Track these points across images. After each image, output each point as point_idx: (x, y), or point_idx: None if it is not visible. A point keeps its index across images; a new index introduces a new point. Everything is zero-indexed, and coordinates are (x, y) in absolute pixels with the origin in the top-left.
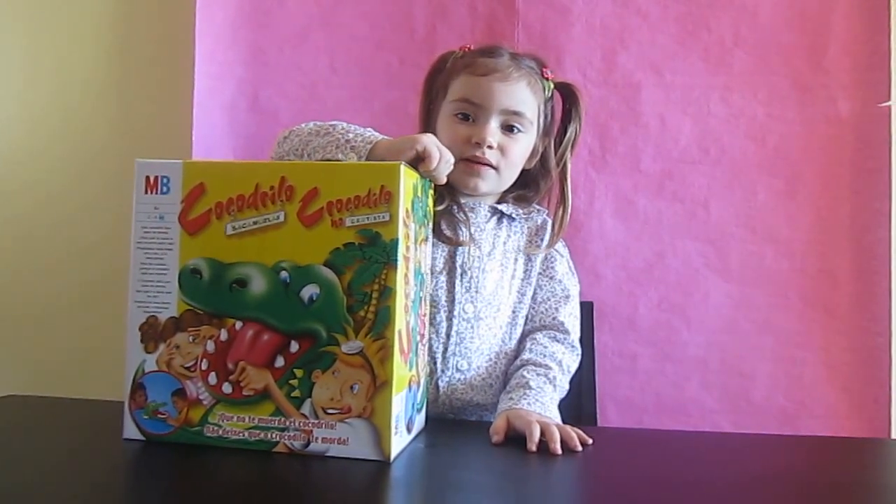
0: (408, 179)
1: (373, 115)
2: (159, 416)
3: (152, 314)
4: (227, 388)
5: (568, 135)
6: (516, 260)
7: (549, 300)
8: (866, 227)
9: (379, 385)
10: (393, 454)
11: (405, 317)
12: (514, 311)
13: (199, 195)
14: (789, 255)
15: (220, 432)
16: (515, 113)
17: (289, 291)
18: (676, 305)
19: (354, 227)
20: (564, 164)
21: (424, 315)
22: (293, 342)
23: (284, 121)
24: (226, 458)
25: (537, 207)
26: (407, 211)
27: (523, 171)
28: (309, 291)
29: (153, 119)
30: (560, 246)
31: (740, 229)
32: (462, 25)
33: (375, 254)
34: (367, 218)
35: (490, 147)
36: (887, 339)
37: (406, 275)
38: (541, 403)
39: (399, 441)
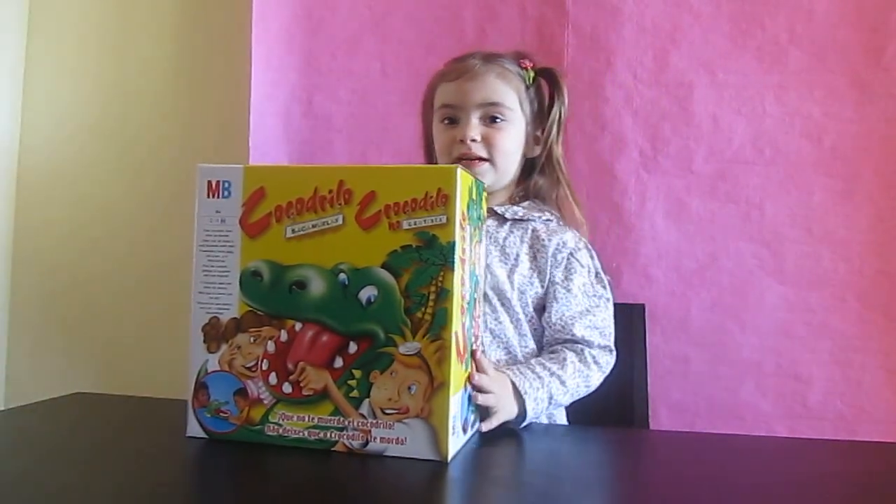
0: (464, 182)
1: None
2: (221, 414)
3: (214, 315)
4: (287, 387)
5: (552, 117)
6: (518, 256)
7: (565, 315)
8: None
9: (436, 386)
10: (450, 454)
11: (461, 318)
12: (523, 311)
13: (259, 199)
14: (847, 257)
15: (281, 431)
16: (492, 104)
17: (347, 293)
18: (730, 308)
19: (412, 229)
20: (550, 147)
21: (479, 317)
22: (351, 343)
23: (337, 125)
24: (286, 456)
25: (543, 209)
26: (463, 213)
27: (530, 163)
28: (367, 293)
29: (212, 125)
30: (584, 256)
31: (796, 230)
32: (512, 28)
33: (432, 256)
34: (425, 220)
35: (474, 140)
36: None
37: (463, 277)
38: (520, 374)
39: (456, 441)
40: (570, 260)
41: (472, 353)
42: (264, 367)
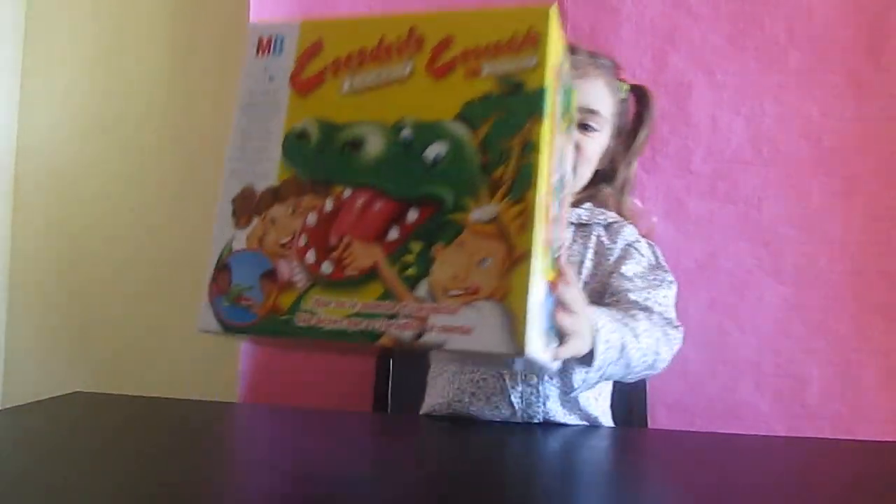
0: (556, 38)
1: None
2: (243, 302)
3: (248, 184)
4: (326, 267)
5: (638, 139)
6: (582, 263)
7: (620, 290)
8: None
9: (516, 258)
10: (529, 347)
11: (550, 186)
12: None
13: (314, 53)
14: (845, 257)
15: (315, 321)
16: (592, 111)
17: (410, 151)
18: (728, 307)
19: (493, 75)
20: (628, 166)
21: (564, 226)
22: (411, 210)
23: None
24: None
25: (605, 212)
26: (555, 67)
27: (595, 172)
28: (435, 150)
29: (209, 125)
30: (643, 247)
31: (794, 230)
32: None
33: (517, 104)
34: (509, 64)
35: None
36: None
37: (552, 138)
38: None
39: (536, 337)
40: (628, 249)
41: (556, 260)
42: (301, 244)
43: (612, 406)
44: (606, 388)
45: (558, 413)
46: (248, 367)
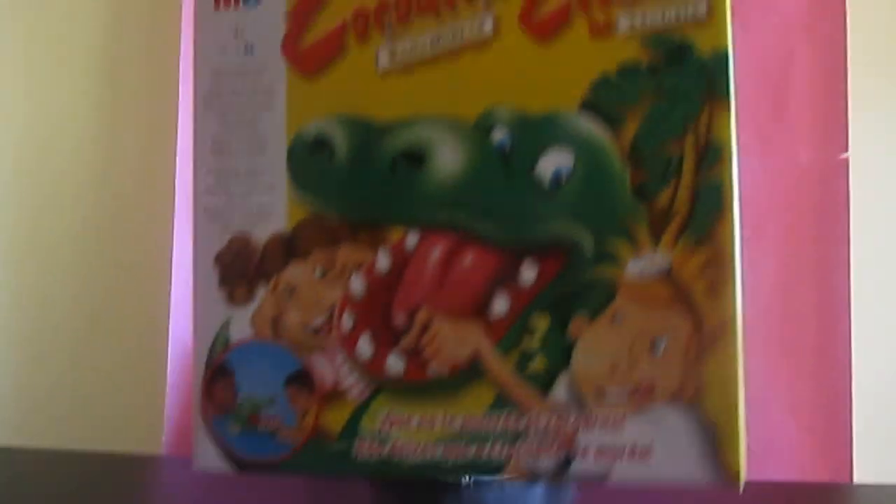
0: None
1: None
2: (263, 425)
3: (240, 231)
4: (395, 363)
5: None
6: None
7: None
8: (826, 273)
9: (708, 335)
10: (743, 473)
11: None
12: None
13: (317, 3)
14: (753, 299)
15: (389, 451)
16: None
17: (511, 166)
18: None
19: (638, 33)
20: None
21: None
22: (526, 264)
23: None
24: None
25: None
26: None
27: None
28: (552, 163)
29: (139, 127)
30: None
31: None
32: None
33: (683, 81)
34: (663, 15)
35: None
36: (848, 381)
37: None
38: None
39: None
40: None
41: None
42: (347, 327)
43: None
44: None
45: None
46: (176, 412)
